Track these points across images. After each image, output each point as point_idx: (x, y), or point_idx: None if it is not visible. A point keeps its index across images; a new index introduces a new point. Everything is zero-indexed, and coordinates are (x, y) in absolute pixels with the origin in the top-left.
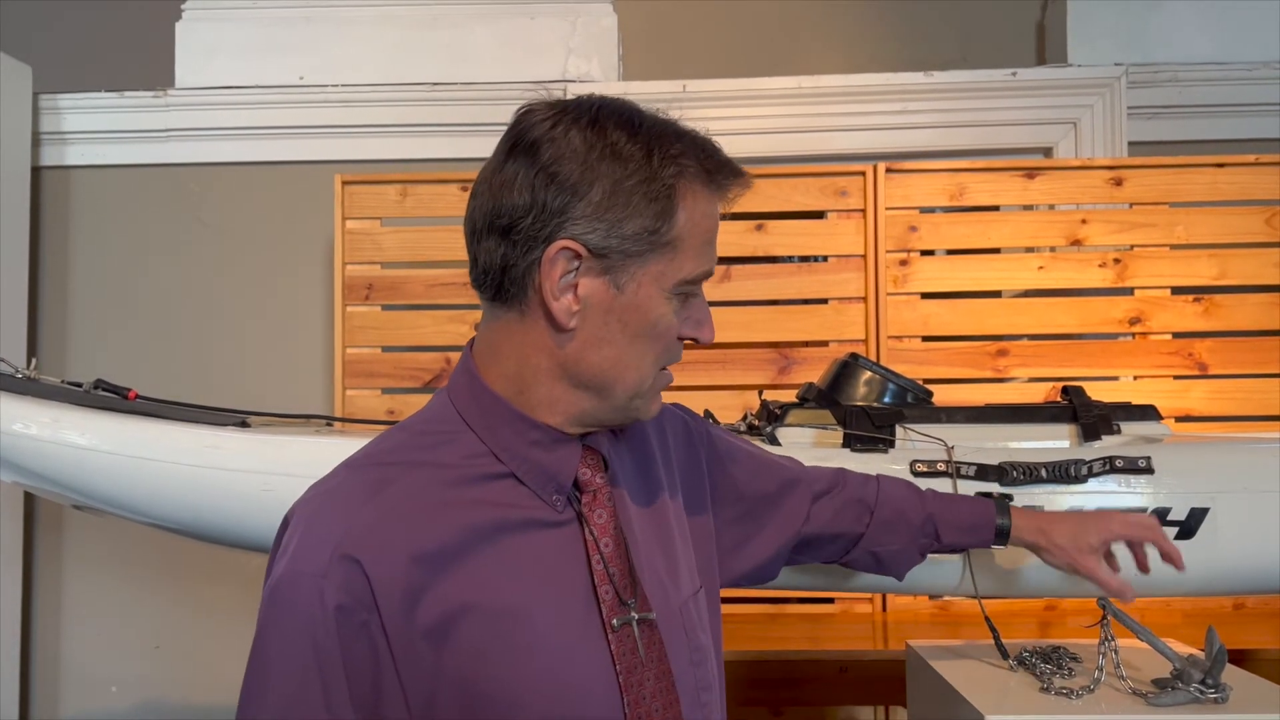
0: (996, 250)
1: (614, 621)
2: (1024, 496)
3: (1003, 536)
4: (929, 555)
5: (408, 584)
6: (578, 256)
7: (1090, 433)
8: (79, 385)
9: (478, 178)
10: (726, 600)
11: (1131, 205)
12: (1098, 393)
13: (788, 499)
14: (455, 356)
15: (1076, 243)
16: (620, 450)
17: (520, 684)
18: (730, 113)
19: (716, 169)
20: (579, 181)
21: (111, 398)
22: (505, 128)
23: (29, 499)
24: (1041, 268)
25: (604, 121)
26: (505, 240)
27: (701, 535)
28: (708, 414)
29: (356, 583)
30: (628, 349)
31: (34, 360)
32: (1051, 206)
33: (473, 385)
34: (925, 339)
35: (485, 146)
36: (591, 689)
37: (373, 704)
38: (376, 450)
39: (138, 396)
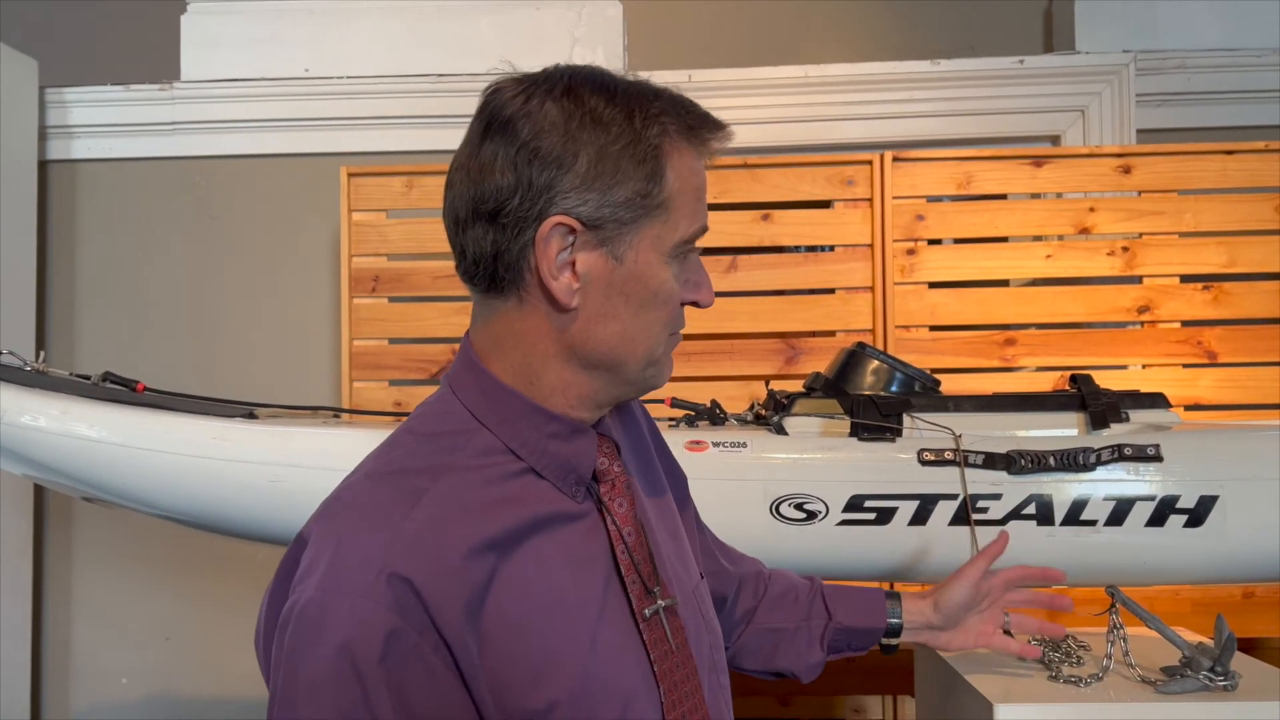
0: (1004, 239)
1: (645, 611)
2: (1032, 484)
3: (894, 614)
4: (823, 659)
5: (464, 596)
6: (572, 231)
7: (1099, 421)
8: (87, 378)
9: (451, 166)
10: None
11: (1140, 193)
12: (1106, 381)
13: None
14: None
15: (1085, 231)
16: (626, 433)
17: (568, 684)
18: (736, 102)
19: (698, 123)
20: (563, 153)
21: (120, 390)
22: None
23: (39, 491)
24: (1049, 256)
25: (578, 89)
26: (493, 225)
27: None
28: (714, 404)
29: (409, 603)
30: (634, 321)
31: (42, 353)
32: (1059, 195)
33: (480, 381)
34: (933, 328)
35: None
36: (630, 682)
37: None
38: (394, 458)
39: (146, 389)
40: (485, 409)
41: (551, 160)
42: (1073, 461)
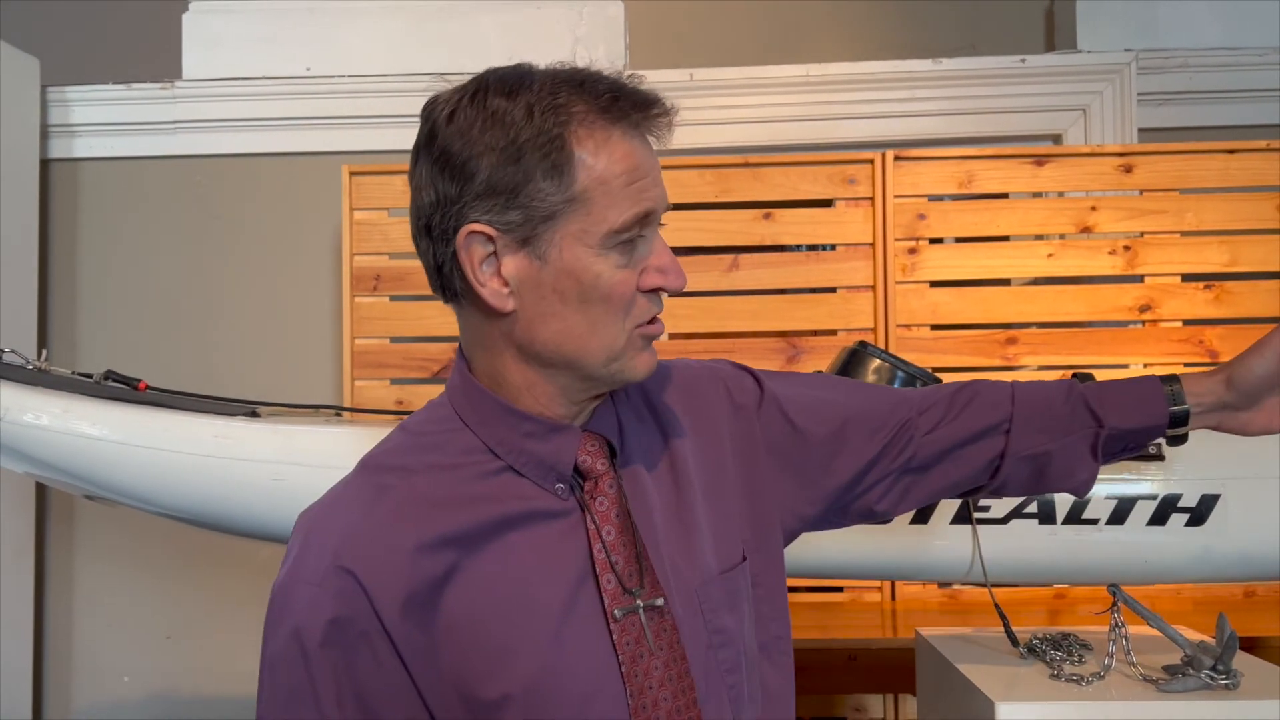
0: (1006, 238)
1: (615, 612)
2: None
3: (1177, 399)
4: (1096, 469)
5: (409, 589)
6: (489, 239)
7: None
8: (89, 376)
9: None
10: None
11: (1141, 192)
12: None
13: (853, 431)
14: None
15: (1086, 230)
16: (638, 426)
17: (524, 679)
18: (738, 101)
19: (612, 104)
20: (467, 160)
21: (122, 388)
22: None
23: (40, 490)
24: (1051, 255)
25: (485, 91)
26: (430, 240)
27: (756, 498)
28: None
29: (352, 594)
30: (575, 318)
31: (44, 351)
32: (1061, 194)
33: (465, 384)
34: (934, 327)
35: None
36: (592, 680)
37: (376, 709)
38: (380, 452)
39: (148, 387)
40: (467, 410)
41: (457, 170)
42: None
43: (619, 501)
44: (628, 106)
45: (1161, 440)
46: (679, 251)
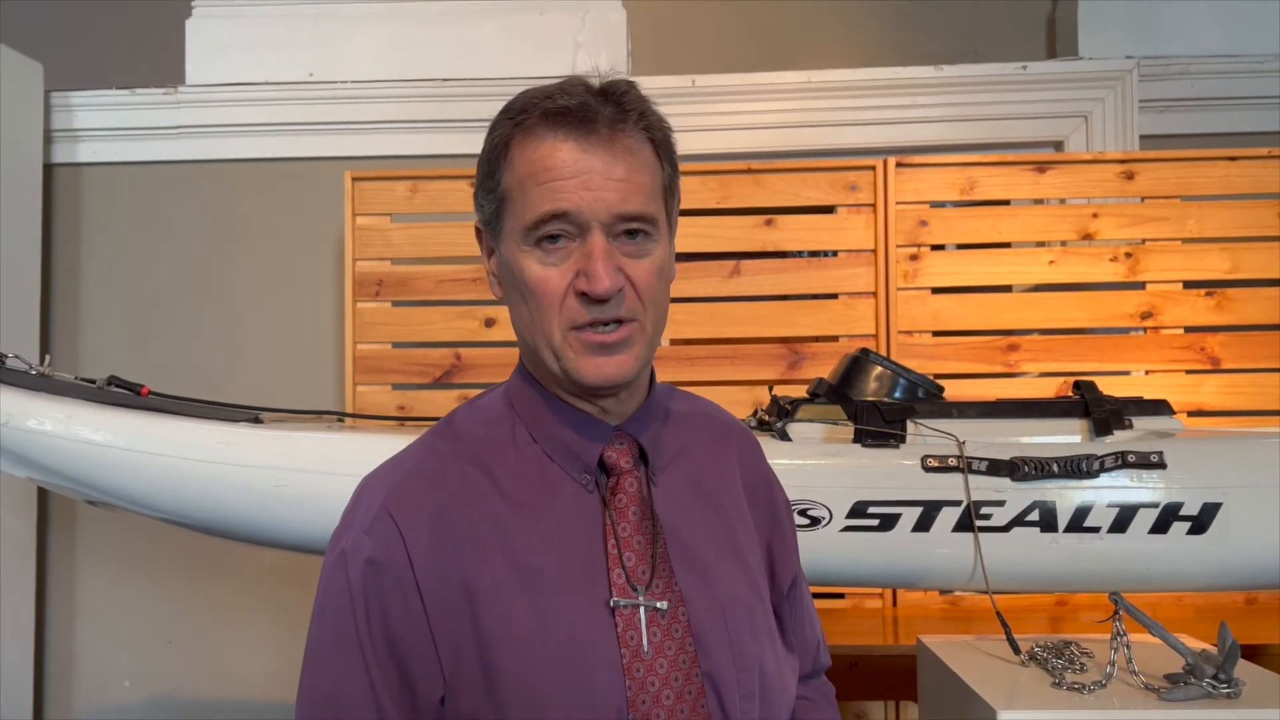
0: (1007, 245)
1: (611, 602)
2: (1036, 491)
3: None
4: None
5: (438, 544)
6: (480, 234)
7: (1102, 427)
8: (92, 382)
9: None
10: None
11: (1143, 199)
12: (1109, 387)
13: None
14: (465, 352)
15: (1087, 237)
16: (682, 444)
17: (523, 654)
18: (739, 107)
19: (556, 107)
20: (478, 165)
21: (124, 394)
22: None
23: (42, 494)
24: (1052, 262)
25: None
26: None
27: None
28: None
29: (390, 538)
30: (520, 309)
31: (47, 357)
32: (1062, 201)
33: (519, 370)
34: (936, 334)
35: None
36: (591, 669)
37: (403, 654)
38: (441, 424)
39: (150, 393)
40: (515, 393)
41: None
42: (1076, 468)
43: (640, 501)
44: (564, 105)
45: (1163, 449)
46: (681, 257)
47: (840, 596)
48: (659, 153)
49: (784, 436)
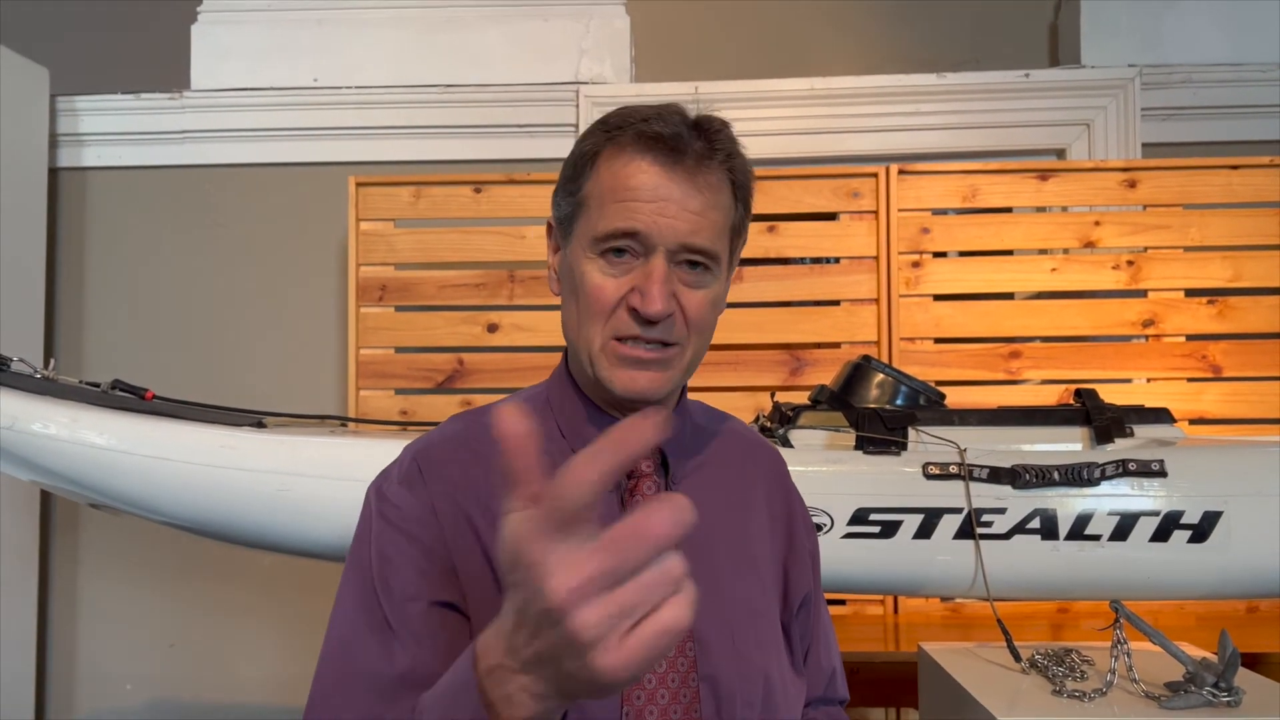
0: (1009, 252)
1: None
2: (1037, 499)
3: None
4: None
5: (458, 489)
6: (550, 229)
7: (1103, 435)
8: (96, 385)
9: None
10: None
11: (1145, 207)
12: (1111, 395)
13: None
14: (468, 357)
15: (1089, 244)
16: (707, 456)
17: None
18: (742, 114)
19: (651, 131)
20: (563, 165)
21: (129, 398)
22: (518, 129)
23: (45, 497)
24: (1054, 269)
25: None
26: None
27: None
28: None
29: (415, 480)
30: (570, 307)
31: (52, 361)
32: (1064, 208)
33: (563, 369)
34: (937, 341)
35: (498, 148)
36: None
37: (387, 575)
38: (483, 407)
39: (155, 397)
40: (554, 389)
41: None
42: (1077, 476)
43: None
44: (659, 129)
45: (1164, 457)
46: None
47: (841, 603)
48: (736, 194)
49: (786, 443)
